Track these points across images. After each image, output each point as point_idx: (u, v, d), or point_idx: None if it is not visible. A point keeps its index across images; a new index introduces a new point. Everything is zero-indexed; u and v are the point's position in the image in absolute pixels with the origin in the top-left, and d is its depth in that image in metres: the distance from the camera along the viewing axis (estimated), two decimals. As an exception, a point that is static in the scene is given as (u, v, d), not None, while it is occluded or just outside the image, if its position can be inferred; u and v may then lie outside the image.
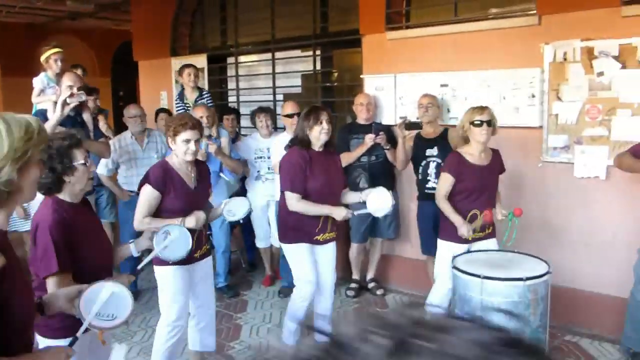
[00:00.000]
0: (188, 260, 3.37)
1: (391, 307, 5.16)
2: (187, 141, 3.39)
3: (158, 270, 3.50)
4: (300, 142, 3.86)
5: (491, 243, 4.06)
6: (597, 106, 4.32)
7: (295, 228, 3.91)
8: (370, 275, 5.53)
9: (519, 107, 4.65)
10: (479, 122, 3.82)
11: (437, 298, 4.03)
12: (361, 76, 5.66)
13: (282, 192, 3.91)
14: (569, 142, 4.46)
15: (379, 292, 5.43)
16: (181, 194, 3.43)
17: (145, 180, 3.44)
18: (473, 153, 3.92)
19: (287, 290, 5.22)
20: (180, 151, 3.42)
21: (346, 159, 5.03)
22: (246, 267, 6.19)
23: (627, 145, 4.17)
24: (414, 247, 5.31)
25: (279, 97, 6.60)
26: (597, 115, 4.32)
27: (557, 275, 4.43)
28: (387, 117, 5.41)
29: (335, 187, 3.98)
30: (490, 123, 3.85)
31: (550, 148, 4.56)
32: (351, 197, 4.09)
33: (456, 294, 3.48)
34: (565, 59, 4.44)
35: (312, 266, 3.96)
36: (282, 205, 3.95)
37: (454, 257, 3.68)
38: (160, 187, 3.40)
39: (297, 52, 6.52)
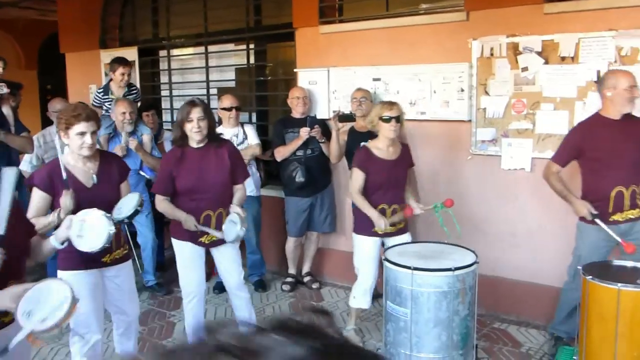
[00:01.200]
0: (94, 263, 3.18)
1: (327, 301, 5.19)
2: (82, 134, 3.06)
3: (60, 275, 3.14)
4: (176, 140, 3.73)
5: (405, 237, 4.08)
6: (522, 100, 4.46)
7: (179, 225, 3.75)
8: (306, 269, 5.54)
9: (449, 101, 4.75)
10: (387, 118, 3.85)
11: (361, 292, 4.07)
12: (295, 70, 5.64)
13: None
14: (497, 135, 4.60)
15: (314, 285, 5.45)
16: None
17: (28, 181, 3.21)
18: (381, 147, 3.95)
19: (222, 286, 5.17)
20: (75, 145, 3.09)
21: (281, 152, 5.03)
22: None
23: (550, 138, 4.34)
24: (349, 240, 5.34)
25: (213, 91, 6.50)
26: (523, 109, 4.47)
27: (486, 265, 4.56)
28: (321, 111, 5.42)
29: (213, 184, 3.74)
30: (399, 119, 3.88)
31: (479, 141, 4.68)
32: (236, 196, 3.87)
33: (388, 285, 3.52)
34: (492, 55, 4.57)
35: (196, 268, 3.84)
36: None
37: (386, 249, 3.73)
38: (47, 189, 3.11)
39: (231, 46, 6.44)
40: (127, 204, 3.24)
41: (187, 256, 3.83)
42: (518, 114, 4.49)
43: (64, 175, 3.14)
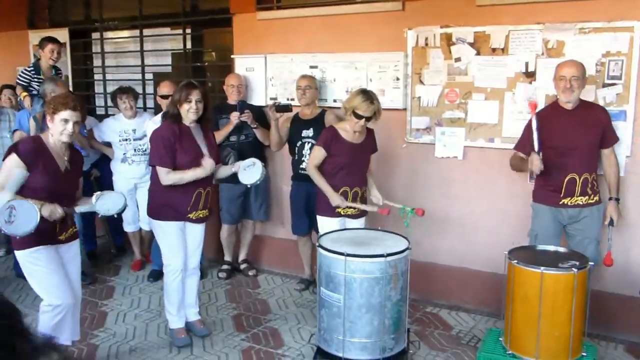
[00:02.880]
0: (51, 240, 3.32)
1: (262, 287, 5.19)
2: (66, 121, 3.27)
3: (18, 255, 3.31)
4: (171, 117, 3.86)
5: (361, 222, 4.21)
6: (455, 90, 4.56)
7: (165, 204, 3.89)
8: (242, 256, 5.52)
9: (384, 90, 4.81)
10: (359, 116, 3.94)
11: None
12: (232, 56, 5.58)
13: (153, 167, 3.88)
14: (430, 123, 4.69)
15: (251, 273, 5.44)
16: (50, 174, 3.26)
17: (13, 149, 3.24)
18: (348, 130, 4.05)
19: (157, 274, 5.10)
20: (57, 130, 3.28)
21: (215, 137, 4.98)
22: (114, 252, 5.94)
23: (481, 128, 4.47)
24: (285, 228, 5.36)
25: (149, 76, 6.36)
26: (455, 98, 4.57)
27: (419, 251, 4.67)
28: (258, 98, 5.39)
29: None
30: (369, 119, 3.99)
31: (414, 129, 4.76)
32: (223, 170, 4.11)
33: (321, 271, 3.55)
34: (426, 45, 4.64)
35: (181, 244, 3.97)
36: (154, 180, 3.93)
37: (320, 236, 3.75)
38: (29, 160, 3.21)
39: (167, 30, 6.29)
40: (114, 203, 3.47)
41: (173, 236, 3.93)
42: (451, 103, 4.59)
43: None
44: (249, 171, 3.95)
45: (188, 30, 6.05)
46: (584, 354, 3.42)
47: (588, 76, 3.95)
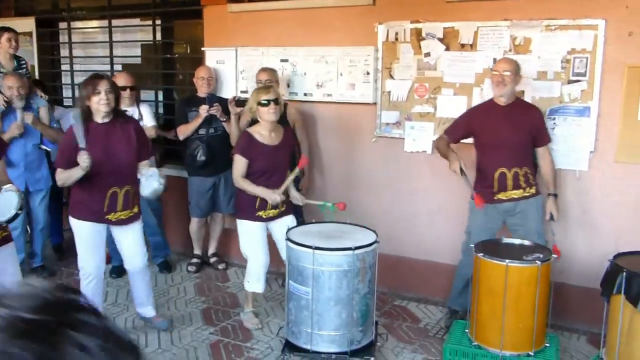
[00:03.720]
0: None
1: (232, 281, 5.18)
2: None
3: None
4: (81, 115, 3.60)
5: (289, 220, 4.12)
6: (425, 85, 4.60)
7: (80, 203, 3.71)
8: (211, 249, 5.50)
9: (354, 84, 4.83)
10: (265, 102, 3.85)
11: (254, 277, 4.10)
12: (202, 49, 5.54)
13: None
14: (400, 118, 4.72)
15: (220, 266, 5.43)
16: None
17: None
18: (263, 133, 3.95)
19: (119, 270, 5.04)
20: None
21: (183, 131, 4.96)
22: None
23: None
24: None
25: (118, 67, 6.27)
26: (425, 93, 4.61)
27: (388, 244, 4.70)
28: (228, 91, 5.36)
29: (120, 160, 3.69)
30: (277, 101, 3.90)
31: (383, 123, 4.79)
32: (144, 170, 3.83)
33: (290, 264, 3.56)
34: (397, 39, 4.67)
35: (97, 247, 3.78)
36: None
37: (289, 230, 3.76)
38: None
39: (136, 21, 6.21)
40: (6, 206, 3.13)
41: (86, 236, 3.75)
42: (420, 98, 4.63)
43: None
44: (149, 181, 3.64)
45: (158, 22, 5.98)
46: (547, 344, 3.50)
47: (554, 73, 4.04)
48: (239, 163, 3.95)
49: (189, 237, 5.45)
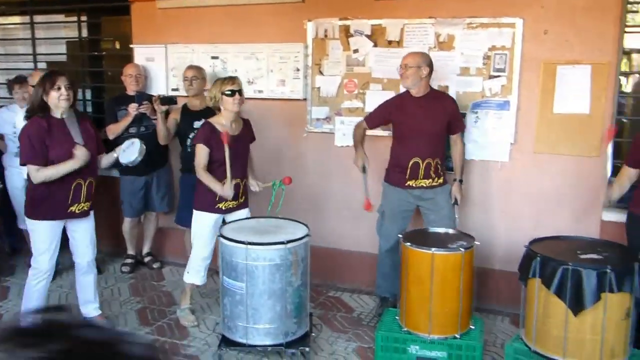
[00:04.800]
0: None
1: (167, 279, 5.16)
2: None
3: None
4: (39, 110, 3.63)
5: (244, 213, 4.15)
6: (354, 80, 4.72)
7: (43, 202, 3.69)
8: (145, 249, 5.45)
9: (285, 80, 4.89)
10: (230, 92, 3.88)
11: (195, 267, 4.11)
12: (131, 46, 5.47)
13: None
14: (330, 113, 4.82)
15: (155, 265, 5.39)
16: None
17: None
18: (224, 123, 3.98)
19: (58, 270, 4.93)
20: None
21: (113, 130, 4.89)
22: (8, 252, 5.68)
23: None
24: (190, 219, 5.33)
25: (42, 65, 6.10)
26: (354, 89, 4.72)
27: (321, 237, 4.81)
28: (159, 89, 5.31)
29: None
30: (241, 92, 3.95)
31: (314, 119, 4.88)
32: (106, 159, 3.99)
33: (223, 260, 3.59)
34: (326, 36, 4.76)
35: (54, 246, 3.78)
36: (29, 178, 3.72)
37: (222, 226, 3.79)
38: None
39: (61, 17, 6.05)
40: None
41: (45, 236, 3.75)
42: (350, 93, 4.74)
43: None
44: (128, 151, 3.92)
45: (83, 18, 5.85)
46: (472, 327, 3.67)
47: (476, 68, 4.24)
48: (201, 152, 3.93)
49: (121, 237, 5.38)
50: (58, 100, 3.61)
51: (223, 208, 4.01)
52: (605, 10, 4.00)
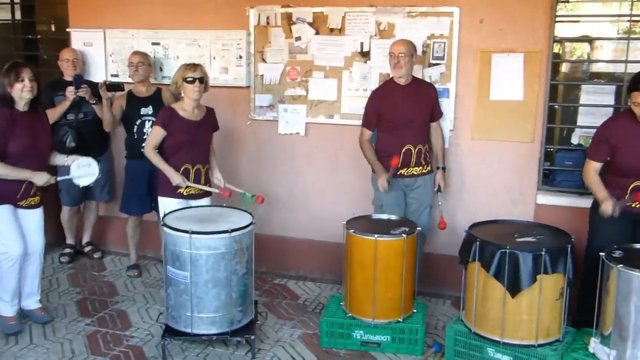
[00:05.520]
0: None
1: (109, 269, 5.06)
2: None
3: None
4: (2, 102, 3.65)
5: (206, 201, 4.16)
6: (297, 68, 4.72)
7: None
8: (86, 238, 5.33)
9: (228, 68, 4.85)
10: (191, 79, 3.89)
11: None
12: (67, 30, 5.29)
13: None
14: (273, 101, 4.81)
15: (96, 255, 5.28)
16: None
17: None
18: (186, 109, 4.00)
19: None
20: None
21: (50, 116, 4.69)
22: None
23: (322, 105, 4.68)
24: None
25: (-29, 49, 5.84)
26: (297, 76, 4.72)
27: (267, 225, 4.83)
28: (98, 74, 5.18)
29: (42, 149, 3.84)
30: (202, 80, 3.95)
31: (257, 107, 4.86)
32: (58, 159, 4.00)
33: (167, 249, 3.55)
34: (268, 23, 4.73)
35: (17, 229, 3.80)
36: None
37: (164, 215, 3.75)
38: None
39: (-8, -2, 5.80)
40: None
41: (7, 219, 3.75)
42: (293, 81, 4.74)
43: None
44: (83, 170, 3.93)
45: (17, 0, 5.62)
46: (414, 310, 3.77)
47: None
48: (156, 134, 3.98)
49: (60, 226, 5.23)
50: (21, 92, 3.63)
51: (185, 194, 4.04)
52: (537, 1, 4.13)
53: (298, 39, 4.67)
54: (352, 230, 3.64)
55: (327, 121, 4.66)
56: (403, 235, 3.58)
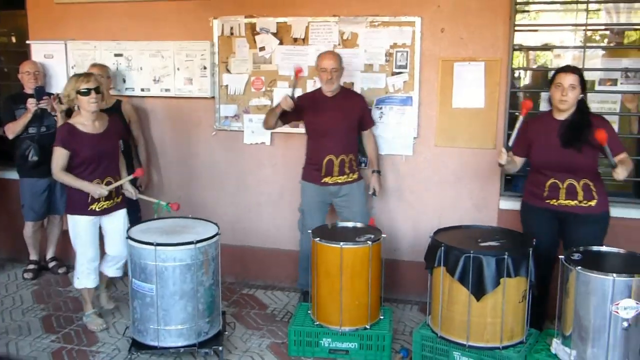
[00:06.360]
0: None
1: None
2: None
3: None
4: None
5: (122, 214, 4.07)
6: (261, 78, 4.73)
7: None
8: (50, 254, 5.24)
9: (192, 78, 4.84)
10: (86, 91, 3.73)
11: (84, 272, 4.03)
12: (27, 42, 5.22)
13: None
14: (239, 111, 4.82)
15: (60, 270, 5.20)
16: None
17: None
18: (86, 122, 3.83)
19: None
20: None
21: (12, 129, 4.67)
22: None
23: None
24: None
25: None
26: (261, 86, 4.74)
27: (234, 235, 4.82)
28: (60, 87, 5.08)
29: None
30: (98, 90, 3.79)
31: (222, 117, 4.86)
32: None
33: (132, 262, 3.52)
34: (232, 34, 4.75)
35: None
36: None
37: (129, 229, 3.71)
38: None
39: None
40: None
41: None
42: (257, 90, 4.75)
43: None
44: None
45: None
46: (381, 317, 3.80)
47: (379, 65, 4.38)
48: (59, 155, 3.77)
49: (23, 242, 5.14)
50: None
51: (97, 209, 3.92)
52: (496, 10, 4.23)
53: (262, 49, 4.69)
54: (318, 239, 3.66)
55: (292, 130, 4.68)
56: (368, 242, 3.61)
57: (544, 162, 3.60)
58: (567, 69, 3.53)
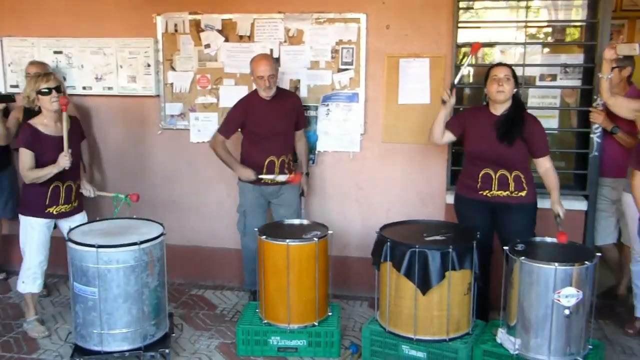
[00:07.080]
0: None
1: (14, 291, 4.82)
2: None
3: None
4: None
5: (80, 217, 4.00)
6: (207, 76, 4.67)
7: None
8: (-12, 259, 5.06)
9: (136, 76, 4.74)
10: (47, 90, 3.65)
11: (30, 276, 3.91)
12: (-41, 39, 5.03)
13: None
14: (184, 109, 4.74)
15: (0, 276, 5.01)
16: None
17: None
18: (47, 123, 3.74)
19: None
20: None
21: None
22: None
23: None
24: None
25: None
26: (207, 84, 4.68)
27: (182, 235, 4.75)
28: (-4, 86, 4.94)
29: None
30: (59, 89, 3.71)
31: (168, 115, 4.78)
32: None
33: (73, 265, 3.42)
34: (176, 31, 4.66)
35: None
36: None
37: (70, 231, 3.60)
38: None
39: None
40: None
41: None
42: (203, 88, 4.69)
43: None
44: None
45: None
46: (329, 313, 3.80)
47: (325, 62, 4.38)
48: (25, 155, 3.66)
49: (-40, 248, 4.95)
50: None
51: (55, 212, 3.83)
52: (439, 8, 4.28)
53: (207, 46, 4.62)
54: (264, 237, 3.63)
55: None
56: (315, 239, 3.60)
57: (478, 153, 3.71)
58: (500, 64, 3.73)
